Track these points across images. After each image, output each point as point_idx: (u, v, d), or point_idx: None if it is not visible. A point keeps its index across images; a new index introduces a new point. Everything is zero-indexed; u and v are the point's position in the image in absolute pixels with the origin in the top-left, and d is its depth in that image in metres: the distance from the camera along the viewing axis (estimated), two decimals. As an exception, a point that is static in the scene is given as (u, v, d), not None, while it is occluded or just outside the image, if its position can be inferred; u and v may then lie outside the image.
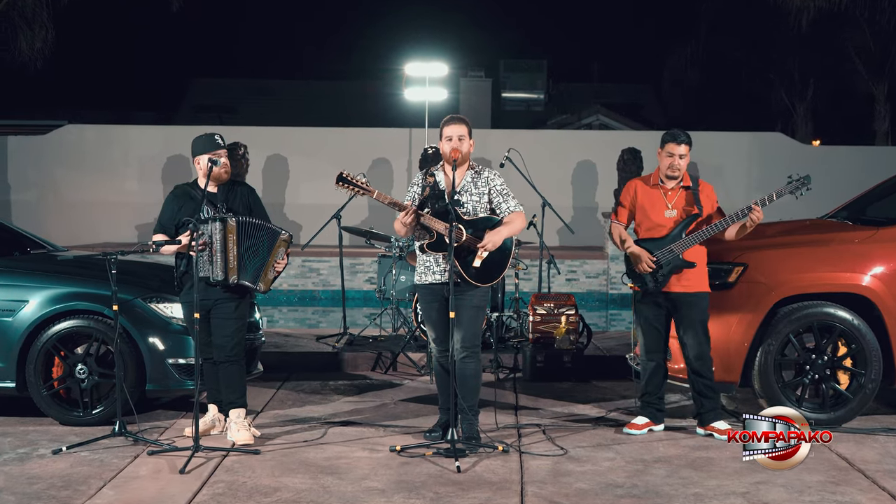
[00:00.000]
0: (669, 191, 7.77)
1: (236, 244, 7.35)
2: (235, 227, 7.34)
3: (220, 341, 7.45)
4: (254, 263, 7.42)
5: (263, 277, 7.45)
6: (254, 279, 7.42)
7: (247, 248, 7.40)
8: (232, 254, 7.33)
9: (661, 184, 7.81)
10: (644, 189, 7.87)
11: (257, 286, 7.43)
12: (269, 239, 7.48)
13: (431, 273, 7.38)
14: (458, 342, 7.30)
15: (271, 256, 7.47)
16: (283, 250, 7.53)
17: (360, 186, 7.23)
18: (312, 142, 20.96)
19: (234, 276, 7.35)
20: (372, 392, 9.39)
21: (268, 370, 9.82)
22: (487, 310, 10.09)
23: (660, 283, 7.64)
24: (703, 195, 7.75)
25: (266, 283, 7.47)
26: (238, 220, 7.36)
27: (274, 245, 7.48)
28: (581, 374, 9.99)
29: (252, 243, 7.42)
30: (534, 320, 10.16)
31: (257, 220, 7.48)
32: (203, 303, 7.35)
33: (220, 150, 7.55)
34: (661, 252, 7.62)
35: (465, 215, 7.27)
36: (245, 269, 7.39)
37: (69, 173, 20.88)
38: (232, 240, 7.33)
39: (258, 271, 7.43)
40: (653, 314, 7.79)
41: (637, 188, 7.92)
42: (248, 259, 7.40)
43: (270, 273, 7.49)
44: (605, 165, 20.36)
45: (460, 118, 7.47)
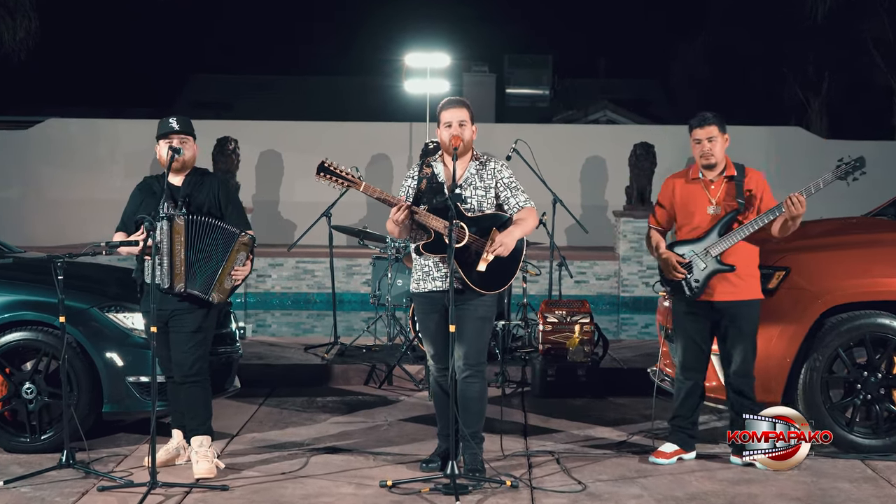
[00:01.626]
0: (711, 183, 6.78)
1: (184, 247, 6.34)
2: (183, 227, 6.34)
3: (179, 358, 6.45)
4: (205, 270, 6.40)
5: (218, 287, 6.42)
6: (205, 288, 6.40)
7: (197, 252, 6.39)
8: (179, 258, 6.33)
9: (702, 177, 6.82)
10: (683, 185, 6.89)
11: (209, 296, 6.41)
12: (224, 241, 6.46)
13: (430, 279, 6.39)
14: (460, 359, 6.32)
15: (227, 262, 6.44)
16: (244, 255, 6.51)
17: (343, 177, 6.23)
18: (308, 137, 19.96)
19: (180, 284, 6.35)
20: (363, 410, 8.40)
21: (249, 384, 8.88)
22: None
23: (695, 291, 6.64)
24: (750, 185, 6.75)
25: (221, 292, 6.45)
26: (187, 219, 6.36)
27: (231, 248, 6.46)
28: (596, 389, 8.98)
29: (204, 246, 6.41)
30: (544, 329, 9.16)
31: (211, 218, 6.45)
32: (159, 313, 6.37)
33: (183, 137, 6.57)
34: (694, 256, 6.62)
35: (468, 212, 6.28)
36: (194, 275, 6.38)
37: (53, 169, 19.87)
38: (179, 241, 6.33)
39: (210, 279, 6.41)
40: (693, 327, 6.79)
41: (675, 185, 6.94)
42: (199, 264, 6.39)
43: (227, 282, 6.47)
44: (615, 161, 19.36)
45: (460, 101, 6.48)
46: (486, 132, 20.04)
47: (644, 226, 17.53)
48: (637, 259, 17.36)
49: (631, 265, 17.39)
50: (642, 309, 17.13)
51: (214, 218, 6.46)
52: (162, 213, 6.34)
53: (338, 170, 6.22)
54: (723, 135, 6.74)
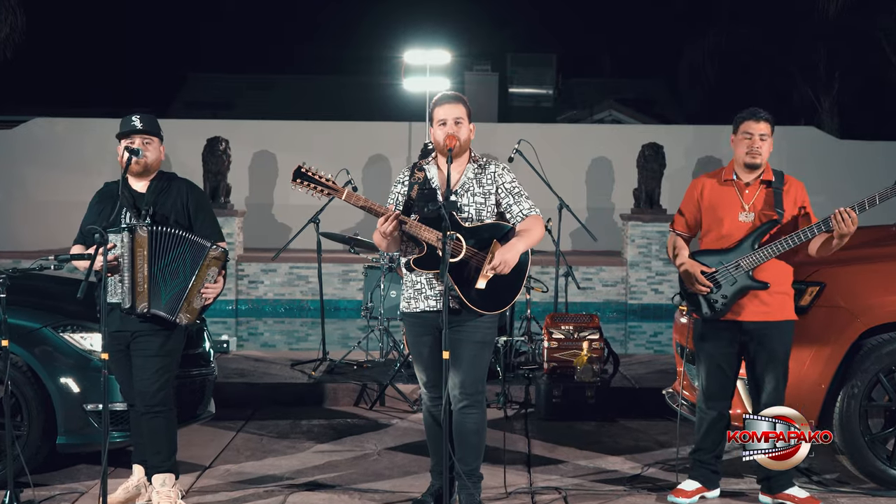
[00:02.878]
0: (746, 187, 6.01)
1: (147, 261, 5.61)
2: (146, 240, 5.61)
3: (141, 386, 5.71)
4: (171, 287, 5.66)
5: (185, 307, 5.68)
6: (171, 308, 5.66)
7: (162, 268, 5.65)
8: (141, 274, 5.60)
9: (736, 178, 6.06)
10: (713, 187, 6.12)
11: (175, 318, 5.67)
12: (193, 255, 5.71)
13: (422, 298, 5.65)
14: (456, 388, 5.58)
15: (196, 278, 5.69)
16: (216, 270, 5.75)
17: (322, 184, 5.48)
18: (303, 137, 19.24)
19: (143, 304, 5.62)
20: (352, 436, 7.66)
21: (230, 405, 8.22)
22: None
23: (719, 310, 5.88)
24: (789, 195, 5.98)
25: (190, 313, 5.71)
26: (150, 230, 5.63)
27: (200, 263, 5.70)
28: (606, 411, 8.24)
29: (170, 261, 5.67)
30: (549, 346, 8.42)
31: (178, 229, 5.71)
32: (119, 335, 5.65)
33: (147, 137, 5.83)
34: (724, 268, 5.87)
35: (466, 221, 5.55)
36: (159, 294, 5.64)
37: (39, 170, 19.15)
38: (141, 255, 5.60)
39: (178, 298, 5.67)
40: (718, 350, 6.02)
41: (705, 186, 6.16)
42: (164, 281, 5.66)
43: (196, 301, 5.72)
44: (621, 162, 18.65)
45: (456, 96, 5.75)
46: (489, 132, 19.33)
47: (653, 230, 16.90)
48: (645, 265, 16.62)
49: (639, 271, 16.64)
50: (651, 317, 16.40)
51: (182, 228, 5.73)
52: (124, 224, 5.63)
53: (316, 175, 5.48)
54: (771, 138, 6.00)
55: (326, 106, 28.88)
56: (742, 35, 28.07)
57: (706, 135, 19.55)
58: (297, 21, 37.41)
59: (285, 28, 37.56)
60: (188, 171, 18.28)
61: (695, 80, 32.31)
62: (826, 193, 15.66)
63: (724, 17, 28.92)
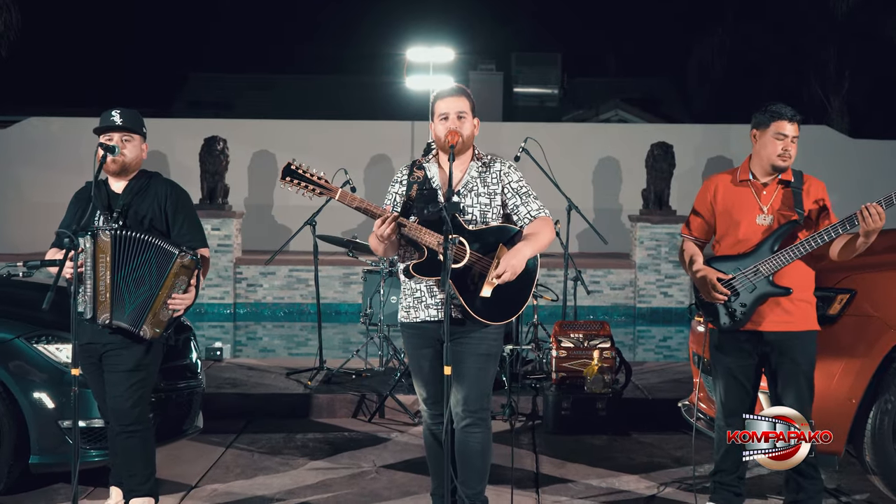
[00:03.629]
0: (764, 188, 5.55)
1: (109, 269, 5.17)
2: (109, 245, 5.17)
3: (115, 403, 5.27)
4: (136, 297, 5.21)
5: (150, 318, 5.22)
6: (134, 320, 5.21)
7: (126, 276, 5.21)
8: (103, 282, 5.17)
9: (753, 178, 5.60)
10: (728, 187, 5.64)
11: (138, 330, 5.22)
12: (159, 262, 5.24)
13: (422, 307, 5.22)
14: (458, 405, 5.15)
15: (163, 288, 5.23)
16: (185, 279, 5.28)
17: (314, 182, 5.03)
18: (303, 136, 18.82)
19: (104, 315, 5.19)
20: (348, 452, 7.22)
21: (221, 417, 7.81)
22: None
23: (739, 319, 5.42)
24: (809, 195, 5.52)
25: (156, 325, 5.25)
26: (114, 235, 5.18)
27: (167, 272, 5.23)
28: (618, 423, 7.79)
29: (134, 268, 5.22)
30: (558, 356, 7.98)
31: (144, 234, 5.25)
32: (90, 347, 5.23)
33: (127, 134, 5.40)
34: (741, 274, 5.42)
35: (469, 224, 5.11)
36: (122, 304, 5.20)
37: (33, 171, 18.74)
38: (104, 262, 5.16)
39: (142, 309, 5.21)
40: (736, 363, 5.54)
41: (718, 187, 5.68)
42: (128, 291, 5.21)
43: (163, 312, 5.26)
44: (629, 162, 18.23)
45: (459, 88, 5.31)
46: (494, 131, 18.93)
47: (662, 232, 16.47)
48: (655, 267, 16.19)
49: (648, 274, 16.21)
50: (660, 321, 15.98)
51: (154, 232, 5.28)
52: (96, 227, 5.20)
53: (307, 173, 5.04)
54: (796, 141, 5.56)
55: (328, 105, 28.53)
56: (750, 33, 27.72)
57: (715, 134, 19.12)
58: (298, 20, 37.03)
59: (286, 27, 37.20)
60: (186, 171, 17.92)
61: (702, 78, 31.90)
62: (840, 193, 15.15)
63: (731, 16, 28.55)
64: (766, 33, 27.51)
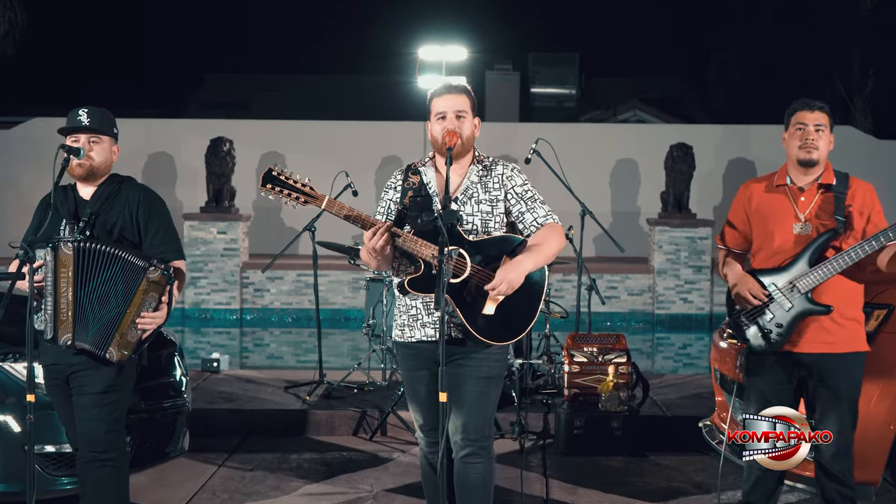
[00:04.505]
0: (801, 193, 5.04)
1: (72, 284, 4.70)
2: (72, 258, 4.70)
3: (86, 429, 4.81)
4: (100, 316, 4.74)
5: (118, 339, 4.74)
6: (98, 341, 4.73)
7: (90, 292, 4.74)
8: (65, 299, 4.71)
9: (790, 183, 5.08)
10: (762, 194, 5.13)
11: (103, 352, 4.74)
12: (126, 278, 4.76)
13: (418, 325, 4.74)
14: (457, 432, 4.68)
15: (130, 306, 4.75)
16: (156, 296, 4.81)
17: (298, 190, 4.57)
18: (313, 137, 18.33)
19: (66, 335, 4.72)
20: (346, 474, 6.76)
21: (214, 434, 7.39)
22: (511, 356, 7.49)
23: (775, 341, 4.91)
24: (854, 200, 4.98)
25: (124, 347, 4.76)
26: (76, 247, 4.72)
27: (135, 288, 4.76)
28: (635, 444, 7.30)
29: (99, 284, 4.74)
30: (571, 371, 7.50)
31: (110, 246, 4.78)
32: (56, 368, 4.79)
33: (95, 136, 4.95)
34: (777, 291, 4.91)
35: (469, 234, 4.63)
36: (85, 324, 4.73)
37: (36, 173, 18.25)
38: (66, 277, 4.70)
39: (107, 329, 4.74)
40: (771, 387, 5.01)
41: (752, 193, 5.18)
42: (92, 309, 4.74)
43: (131, 333, 4.77)
44: (648, 164, 17.66)
45: (458, 85, 4.82)
46: (510, 132, 18.46)
47: (682, 236, 15.93)
48: (674, 272, 15.65)
49: (667, 279, 15.67)
50: (679, 328, 15.45)
51: (123, 244, 4.81)
52: (55, 238, 4.74)
53: (290, 180, 4.57)
54: (830, 133, 5.04)
55: (341, 105, 28.08)
56: (771, 32, 27.19)
57: (736, 135, 18.56)
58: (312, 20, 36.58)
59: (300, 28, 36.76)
60: (192, 173, 17.50)
61: (721, 78, 31.44)
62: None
63: (752, 14, 28.03)
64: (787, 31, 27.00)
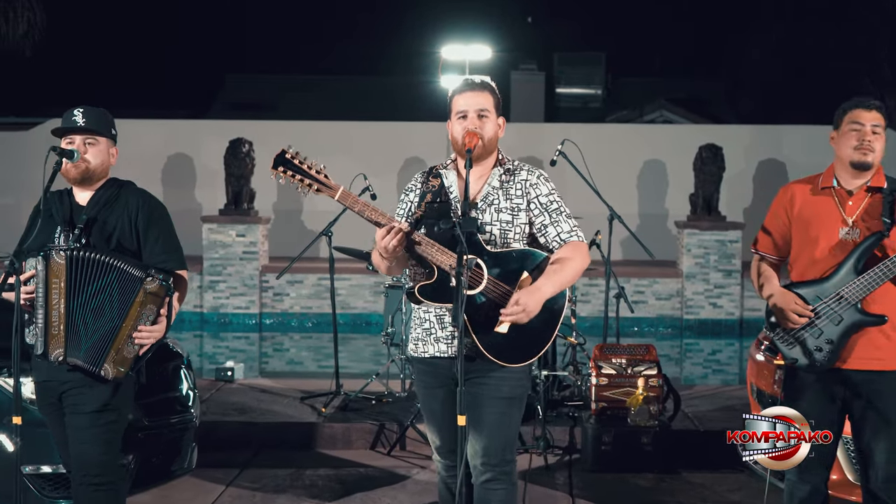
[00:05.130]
0: (849, 196, 4.63)
1: (64, 296, 4.38)
2: (64, 268, 4.38)
3: (79, 451, 4.48)
4: (94, 330, 4.40)
5: (113, 355, 4.39)
6: (92, 358, 4.39)
7: (83, 304, 4.40)
8: (57, 312, 4.38)
9: (837, 185, 4.68)
10: (806, 196, 4.72)
11: (98, 369, 4.40)
12: (121, 289, 4.41)
13: (431, 339, 4.41)
14: (477, 456, 4.34)
15: (127, 319, 4.41)
16: (154, 308, 4.45)
17: (311, 177, 4.28)
18: (335, 138, 18.04)
19: (57, 350, 4.39)
20: (361, 493, 6.42)
21: (225, 448, 7.11)
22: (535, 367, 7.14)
23: (823, 360, 4.53)
24: None
25: (120, 364, 4.41)
26: (69, 256, 4.40)
27: (131, 300, 4.42)
28: (666, 460, 6.94)
29: (92, 295, 4.40)
30: (598, 383, 7.14)
31: (105, 255, 4.43)
32: (48, 385, 4.48)
33: (91, 137, 4.64)
34: (823, 303, 4.53)
35: (489, 244, 4.29)
36: (78, 339, 4.40)
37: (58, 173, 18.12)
38: (58, 288, 4.38)
39: (102, 344, 4.39)
40: (815, 407, 4.58)
41: (795, 196, 4.75)
42: (84, 322, 4.41)
43: (128, 348, 4.42)
44: (676, 165, 17.30)
45: (481, 82, 4.47)
46: (535, 133, 18.13)
47: (711, 239, 15.52)
48: (703, 276, 15.25)
49: (696, 283, 15.28)
50: (708, 333, 15.06)
51: (120, 253, 4.48)
52: (48, 247, 4.43)
53: (304, 164, 4.27)
54: (884, 133, 4.61)
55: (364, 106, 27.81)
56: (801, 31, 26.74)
57: (767, 135, 18.16)
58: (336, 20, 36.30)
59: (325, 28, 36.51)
60: (211, 175, 17.25)
61: (751, 78, 30.93)
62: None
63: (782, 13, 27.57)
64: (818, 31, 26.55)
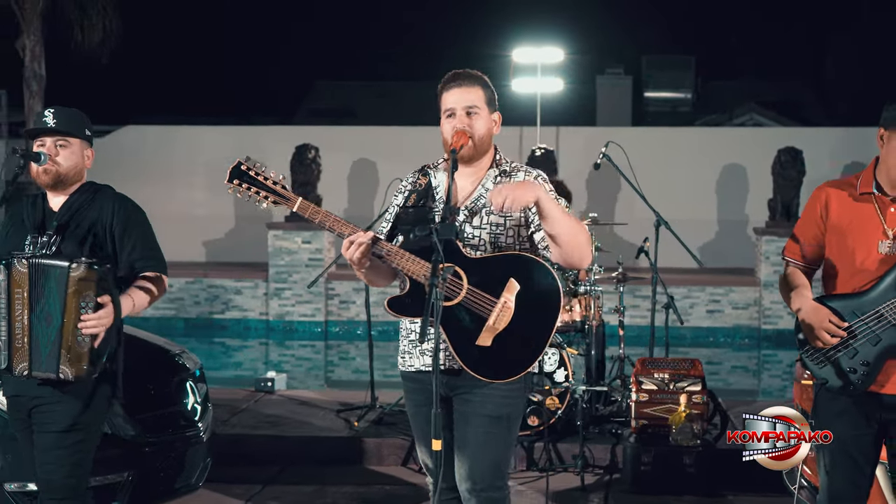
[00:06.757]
0: (893, 203, 4.13)
1: (27, 306, 4.13)
2: (27, 276, 4.13)
3: (43, 472, 4.23)
4: (47, 336, 4.13)
5: (66, 355, 4.11)
6: (52, 365, 4.11)
7: (39, 313, 4.14)
8: (20, 323, 4.13)
9: (878, 192, 4.16)
10: (843, 202, 4.22)
11: (58, 374, 4.12)
12: (58, 285, 4.12)
13: (416, 352, 4.08)
14: (463, 481, 3.99)
15: (67, 314, 4.11)
16: (91, 294, 4.13)
17: (268, 189, 3.97)
18: (403, 143, 17.79)
19: (22, 364, 4.15)
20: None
21: (253, 462, 6.88)
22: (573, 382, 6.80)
23: (858, 382, 4.06)
24: None
25: (75, 361, 4.12)
26: (31, 264, 4.14)
27: (65, 293, 4.11)
28: (709, 482, 6.50)
29: (43, 302, 4.14)
30: (639, 400, 6.72)
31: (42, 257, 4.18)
32: (18, 401, 4.25)
33: (63, 139, 4.38)
34: (860, 321, 4.08)
35: (473, 250, 3.93)
36: (39, 350, 4.13)
37: (127, 181, 18.01)
38: (21, 298, 4.13)
39: (55, 348, 4.11)
40: (849, 432, 4.15)
41: (830, 200, 4.25)
42: (42, 331, 4.14)
43: (78, 344, 4.13)
44: (757, 169, 16.69)
45: (470, 76, 4.12)
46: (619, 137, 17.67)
47: (790, 245, 14.91)
48: (782, 285, 14.67)
49: (774, 292, 14.66)
50: (787, 344, 14.44)
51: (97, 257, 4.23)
52: (10, 255, 4.18)
53: (259, 176, 3.96)
54: None
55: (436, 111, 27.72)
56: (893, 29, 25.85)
57: (853, 138, 17.42)
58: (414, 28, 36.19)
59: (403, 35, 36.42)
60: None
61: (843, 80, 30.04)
62: None
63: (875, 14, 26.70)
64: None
